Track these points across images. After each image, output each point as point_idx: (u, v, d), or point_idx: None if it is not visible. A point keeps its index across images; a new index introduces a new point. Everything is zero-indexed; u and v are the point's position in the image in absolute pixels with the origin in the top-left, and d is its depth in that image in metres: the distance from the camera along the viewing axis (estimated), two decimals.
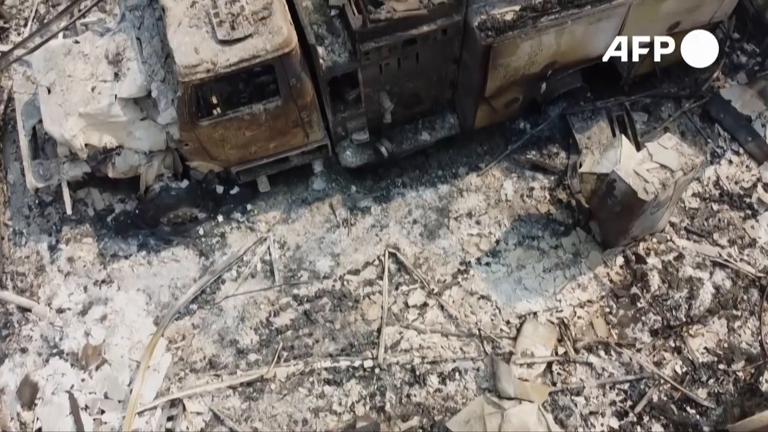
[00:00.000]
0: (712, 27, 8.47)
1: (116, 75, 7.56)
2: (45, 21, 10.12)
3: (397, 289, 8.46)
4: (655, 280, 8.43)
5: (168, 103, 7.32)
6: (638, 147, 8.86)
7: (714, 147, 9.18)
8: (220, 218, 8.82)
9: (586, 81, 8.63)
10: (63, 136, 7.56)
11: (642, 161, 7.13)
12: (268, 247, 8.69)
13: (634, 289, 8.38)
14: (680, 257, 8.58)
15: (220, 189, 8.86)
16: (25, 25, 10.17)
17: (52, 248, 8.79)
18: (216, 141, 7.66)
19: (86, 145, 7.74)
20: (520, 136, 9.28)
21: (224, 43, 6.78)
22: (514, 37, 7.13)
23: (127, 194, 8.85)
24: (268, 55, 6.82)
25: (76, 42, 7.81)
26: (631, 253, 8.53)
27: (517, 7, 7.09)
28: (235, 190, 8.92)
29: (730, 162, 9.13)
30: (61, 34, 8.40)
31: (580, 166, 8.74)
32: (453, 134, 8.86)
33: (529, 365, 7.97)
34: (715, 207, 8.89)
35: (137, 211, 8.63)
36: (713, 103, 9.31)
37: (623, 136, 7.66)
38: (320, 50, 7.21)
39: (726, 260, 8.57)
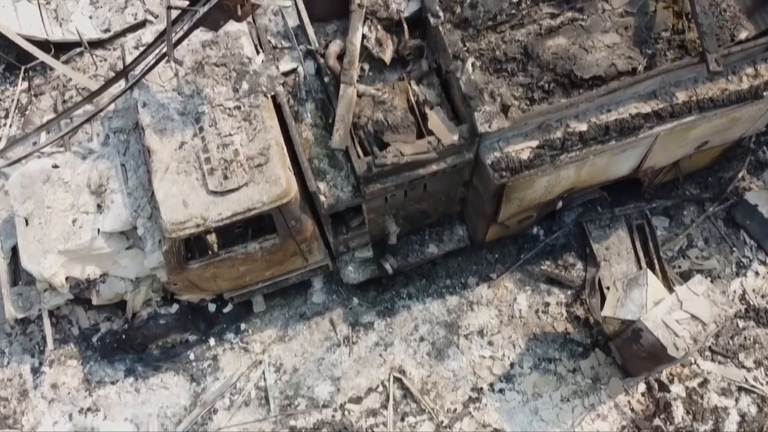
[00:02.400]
0: (740, 140, 7.91)
1: (99, 207, 6.95)
2: (26, 113, 9.51)
3: (403, 420, 7.90)
4: (679, 410, 7.86)
5: (155, 245, 6.69)
6: (660, 261, 8.34)
7: (739, 257, 8.60)
8: (212, 341, 8.22)
9: (604, 187, 8.06)
10: (42, 275, 6.96)
11: (671, 309, 6.55)
12: (263, 372, 8.12)
13: (657, 421, 7.82)
14: (705, 383, 8.02)
15: (212, 307, 8.29)
16: (6, 116, 9.54)
17: (36, 371, 8.21)
18: (207, 278, 7.07)
19: (67, 278, 7.16)
20: (534, 244, 8.69)
21: (216, 194, 6.14)
22: (530, 175, 6.53)
23: (113, 312, 8.26)
24: (264, 207, 6.17)
25: (56, 166, 7.19)
26: (653, 379, 7.96)
27: (534, 144, 6.45)
28: (228, 308, 8.33)
29: (757, 273, 8.54)
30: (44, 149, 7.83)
31: (599, 284, 8.22)
32: (462, 246, 8.30)
33: None
34: (741, 324, 8.32)
35: (124, 336, 8.03)
36: (738, 208, 8.71)
37: (649, 271, 7.06)
38: (322, 186, 6.62)
39: (752, 385, 8.02)
